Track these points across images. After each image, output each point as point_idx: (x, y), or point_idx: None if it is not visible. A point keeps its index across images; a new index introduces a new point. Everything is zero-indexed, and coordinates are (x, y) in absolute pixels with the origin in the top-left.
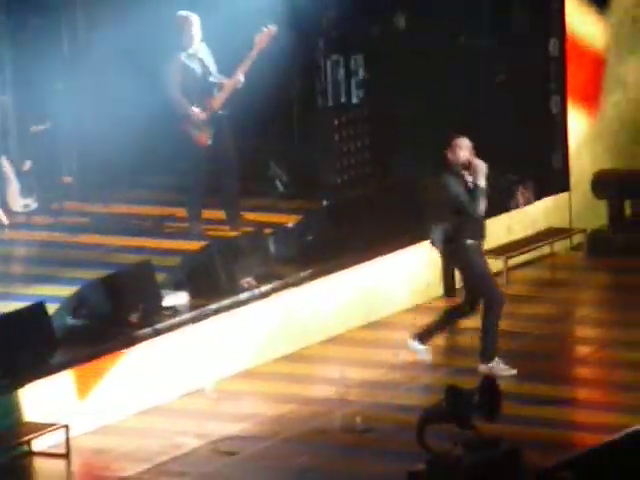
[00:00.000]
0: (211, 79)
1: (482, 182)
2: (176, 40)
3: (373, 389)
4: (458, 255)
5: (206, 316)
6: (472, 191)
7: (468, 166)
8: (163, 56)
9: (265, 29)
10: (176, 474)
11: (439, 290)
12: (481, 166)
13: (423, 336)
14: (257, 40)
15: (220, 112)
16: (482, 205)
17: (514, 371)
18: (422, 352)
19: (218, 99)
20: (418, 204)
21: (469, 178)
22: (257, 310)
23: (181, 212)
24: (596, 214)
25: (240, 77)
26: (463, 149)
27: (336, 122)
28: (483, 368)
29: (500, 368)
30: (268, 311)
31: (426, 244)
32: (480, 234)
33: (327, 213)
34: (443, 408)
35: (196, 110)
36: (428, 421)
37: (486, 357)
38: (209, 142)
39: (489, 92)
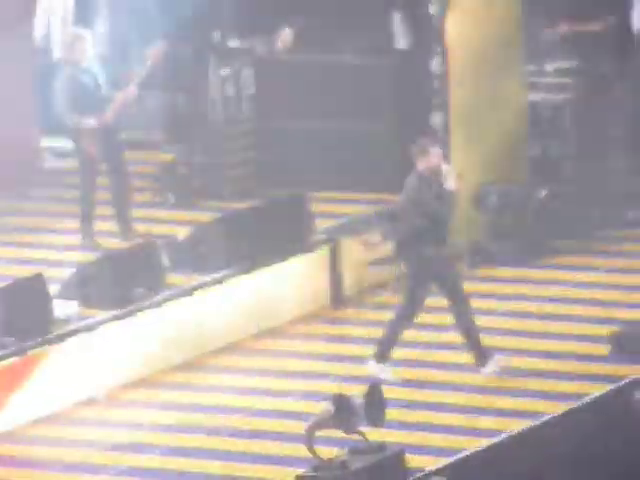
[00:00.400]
0: (102, 93)
1: (452, 187)
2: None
3: (263, 396)
4: (412, 261)
5: (98, 325)
6: (442, 197)
7: (437, 172)
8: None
9: (157, 44)
10: None
11: (327, 299)
12: (451, 171)
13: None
14: (150, 55)
15: (111, 125)
16: (451, 210)
17: (390, 376)
18: (383, 371)
19: (109, 112)
20: (306, 215)
21: (438, 184)
22: (149, 320)
23: (72, 224)
24: (476, 226)
25: (132, 90)
26: (435, 155)
27: (226, 135)
28: (372, 364)
29: (384, 371)
30: (161, 320)
31: (315, 254)
32: (443, 240)
33: (218, 224)
34: (330, 414)
35: (87, 123)
36: (316, 427)
37: (378, 356)
38: (99, 154)
39: (375, 107)
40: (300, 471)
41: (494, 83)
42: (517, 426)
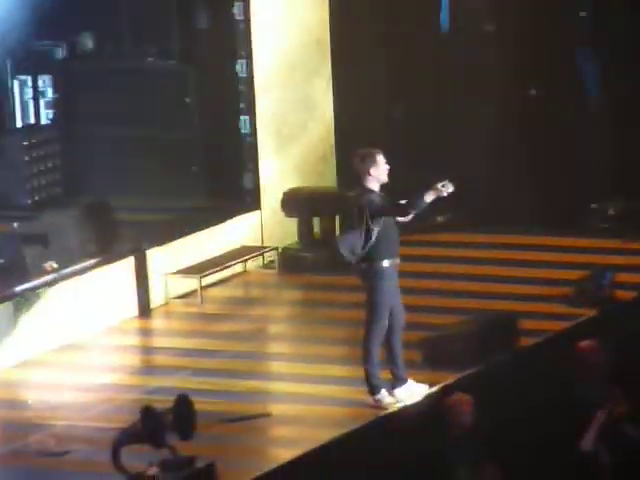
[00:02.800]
0: None
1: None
2: None
3: (69, 411)
4: (369, 276)
5: None
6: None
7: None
8: None
9: None
10: None
11: (134, 310)
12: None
13: (371, 387)
14: None
15: None
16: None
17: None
18: (384, 398)
19: None
20: (112, 223)
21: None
22: None
23: None
24: (287, 232)
25: None
26: (383, 164)
27: (25, 143)
28: (370, 400)
29: (386, 398)
30: None
31: (122, 263)
32: (396, 252)
33: (19, 234)
34: (138, 428)
35: None
36: (123, 442)
37: (369, 387)
38: None
39: (180, 112)
40: None
41: (301, 87)
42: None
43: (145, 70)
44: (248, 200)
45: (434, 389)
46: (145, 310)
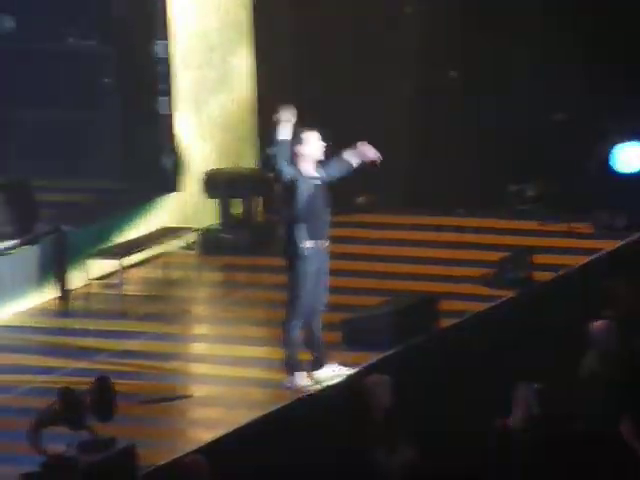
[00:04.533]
0: None
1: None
2: None
3: None
4: (290, 256)
5: None
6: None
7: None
8: None
9: None
10: None
11: (53, 292)
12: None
13: (289, 368)
14: None
15: None
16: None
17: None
18: (302, 380)
19: None
20: (32, 203)
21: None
22: None
23: None
24: (207, 213)
25: None
26: (317, 142)
27: None
28: (288, 382)
29: (304, 380)
30: None
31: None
32: (322, 234)
33: None
34: (56, 410)
35: None
36: (42, 424)
37: (288, 368)
38: None
39: (97, 94)
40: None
41: (221, 68)
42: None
43: (65, 51)
44: (168, 181)
45: (353, 371)
46: (65, 292)
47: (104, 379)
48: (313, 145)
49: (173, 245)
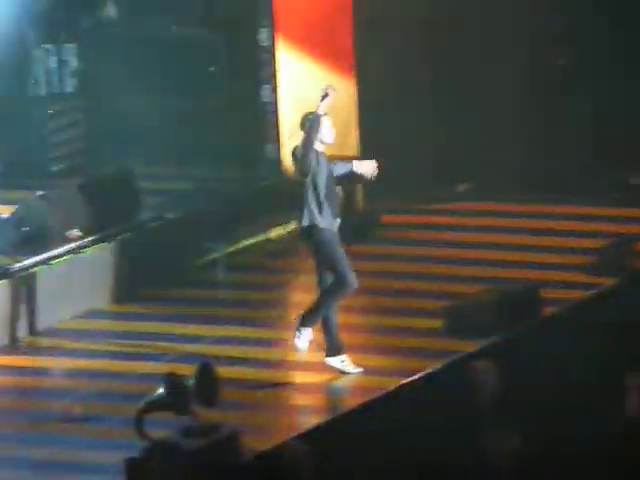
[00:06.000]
0: None
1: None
2: None
3: (93, 378)
4: (318, 242)
5: None
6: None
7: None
8: None
9: None
10: None
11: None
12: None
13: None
14: None
15: None
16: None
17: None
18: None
19: None
20: (134, 191)
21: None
22: None
23: None
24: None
25: None
26: (329, 127)
27: (50, 111)
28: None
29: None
30: None
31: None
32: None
33: (43, 202)
34: (162, 396)
35: None
36: (147, 409)
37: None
38: None
39: (201, 82)
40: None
41: (323, 56)
42: (356, 403)
43: (169, 39)
44: (271, 169)
45: (452, 359)
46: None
47: (208, 365)
48: (325, 129)
49: (275, 233)
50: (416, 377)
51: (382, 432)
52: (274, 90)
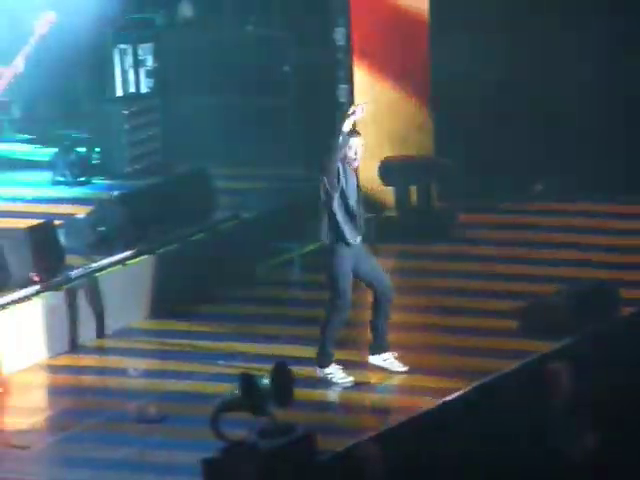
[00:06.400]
0: None
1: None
2: None
3: (168, 378)
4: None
5: None
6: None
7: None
8: None
9: (44, 15)
10: None
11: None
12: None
13: (320, 361)
14: (36, 27)
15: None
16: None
17: (349, 379)
18: (333, 376)
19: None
20: (209, 191)
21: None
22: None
23: None
24: (384, 201)
25: (20, 64)
26: (359, 148)
27: (125, 111)
28: (318, 372)
29: (338, 377)
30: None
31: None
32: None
33: (119, 202)
34: (237, 396)
35: None
36: (223, 410)
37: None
38: None
39: (281, 81)
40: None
41: (398, 56)
42: (429, 404)
43: (244, 38)
44: None
45: (527, 360)
46: (245, 279)
47: (283, 365)
48: (354, 149)
49: None
50: (490, 378)
51: (455, 433)
52: (350, 90)
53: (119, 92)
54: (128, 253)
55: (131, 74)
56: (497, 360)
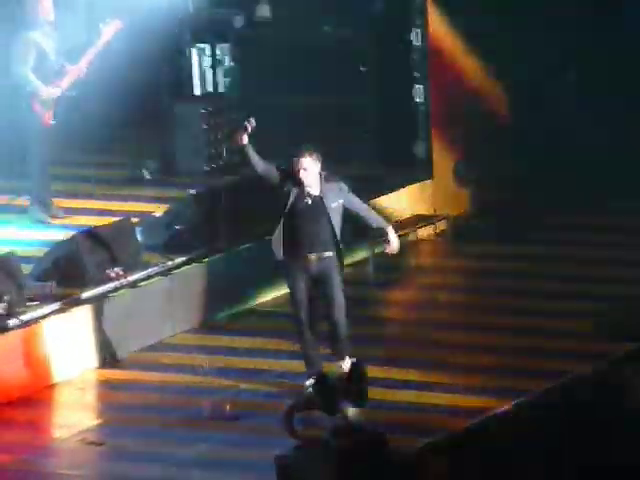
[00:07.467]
0: (59, 61)
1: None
2: (28, 17)
3: (242, 376)
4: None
5: (72, 306)
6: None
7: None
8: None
9: (111, 21)
10: (45, 465)
11: None
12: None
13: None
14: (103, 31)
15: (67, 94)
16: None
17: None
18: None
19: (64, 82)
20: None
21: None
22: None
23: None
24: (458, 201)
25: (83, 67)
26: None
27: (203, 111)
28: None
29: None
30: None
31: None
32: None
33: (195, 201)
34: (311, 395)
35: (47, 88)
36: (297, 408)
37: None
38: (52, 122)
39: (355, 81)
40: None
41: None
42: (503, 405)
43: (321, 38)
44: (420, 169)
45: (602, 362)
46: None
47: (358, 364)
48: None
49: (424, 232)
50: (566, 379)
51: (530, 434)
52: (426, 90)
53: (197, 91)
54: (203, 251)
55: (209, 73)
56: (572, 362)
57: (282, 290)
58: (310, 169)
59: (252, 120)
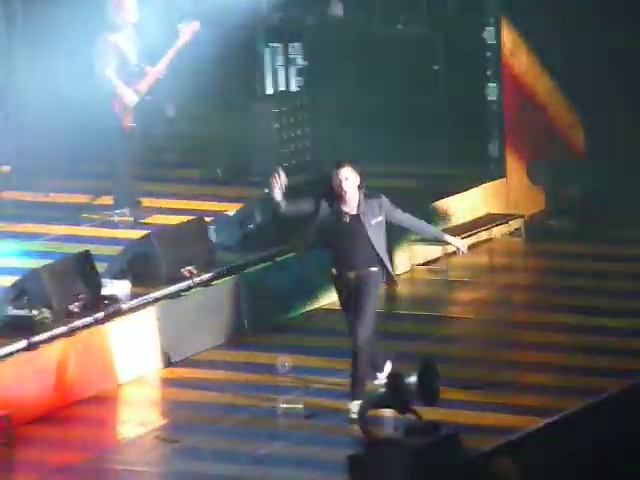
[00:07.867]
0: (139, 63)
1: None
2: (111, 19)
3: (314, 375)
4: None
5: (147, 305)
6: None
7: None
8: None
9: (189, 23)
10: (119, 462)
11: None
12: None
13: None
14: (181, 33)
15: (146, 97)
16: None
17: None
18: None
19: (144, 84)
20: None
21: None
22: (200, 298)
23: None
24: (533, 200)
25: (162, 68)
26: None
27: (276, 110)
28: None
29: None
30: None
31: None
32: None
33: (268, 201)
34: (384, 394)
35: (129, 91)
36: (369, 407)
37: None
38: (132, 125)
39: (427, 79)
40: (353, 451)
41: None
42: (572, 405)
43: (394, 37)
44: (493, 167)
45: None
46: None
47: (430, 363)
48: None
49: (499, 231)
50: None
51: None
52: (500, 89)
53: (269, 90)
54: (276, 250)
55: (281, 72)
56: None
57: None
58: (351, 179)
59: (281, 173)
